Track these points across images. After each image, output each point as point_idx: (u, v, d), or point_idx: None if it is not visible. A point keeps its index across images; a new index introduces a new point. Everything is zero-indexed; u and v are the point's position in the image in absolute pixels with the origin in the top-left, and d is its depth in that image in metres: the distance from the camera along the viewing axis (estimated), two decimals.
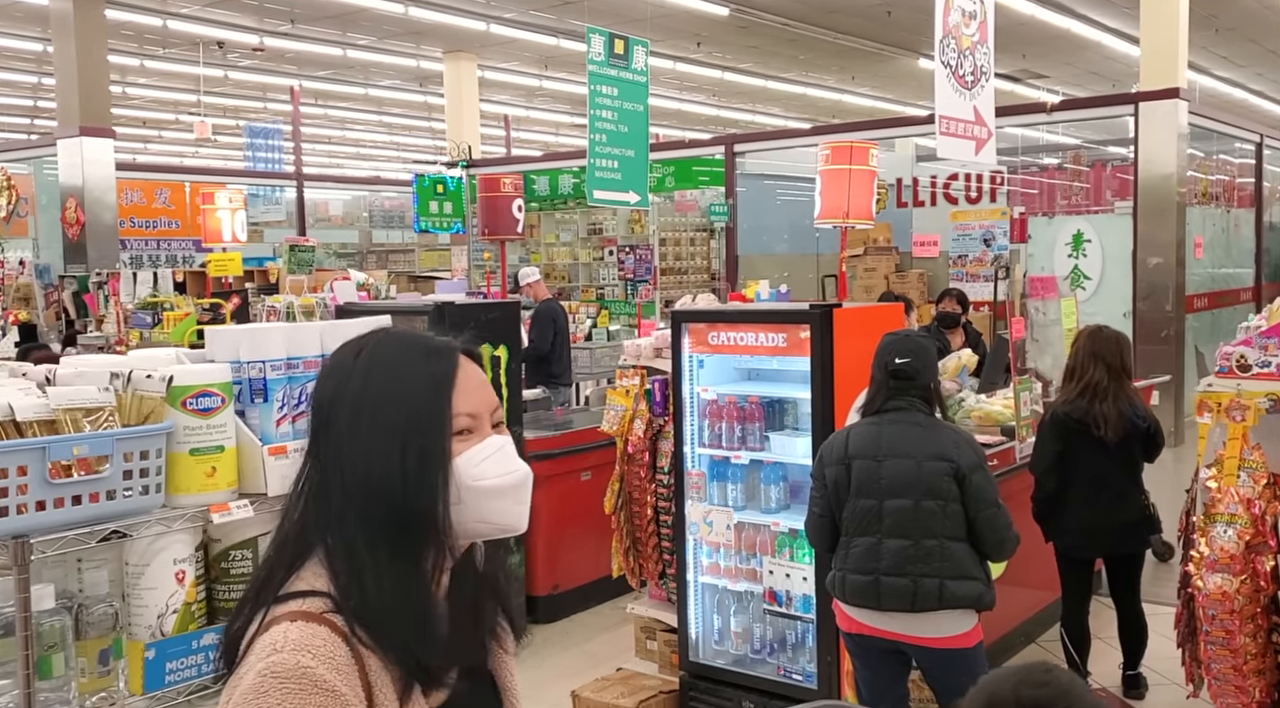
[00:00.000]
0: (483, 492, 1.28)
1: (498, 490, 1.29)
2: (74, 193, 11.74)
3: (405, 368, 1.31)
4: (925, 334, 3.56)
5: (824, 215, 5.18)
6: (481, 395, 1.33)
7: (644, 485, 4.89)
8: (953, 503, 3.21)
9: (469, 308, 5.87)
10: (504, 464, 1.31)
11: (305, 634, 1.16)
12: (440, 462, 1.26)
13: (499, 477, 1.30)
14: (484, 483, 1.28)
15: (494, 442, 1.31)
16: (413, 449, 1.25)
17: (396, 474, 1.25)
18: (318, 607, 1.20)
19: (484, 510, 1.29)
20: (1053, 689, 1.37)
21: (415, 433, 1.27)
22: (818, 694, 4.08)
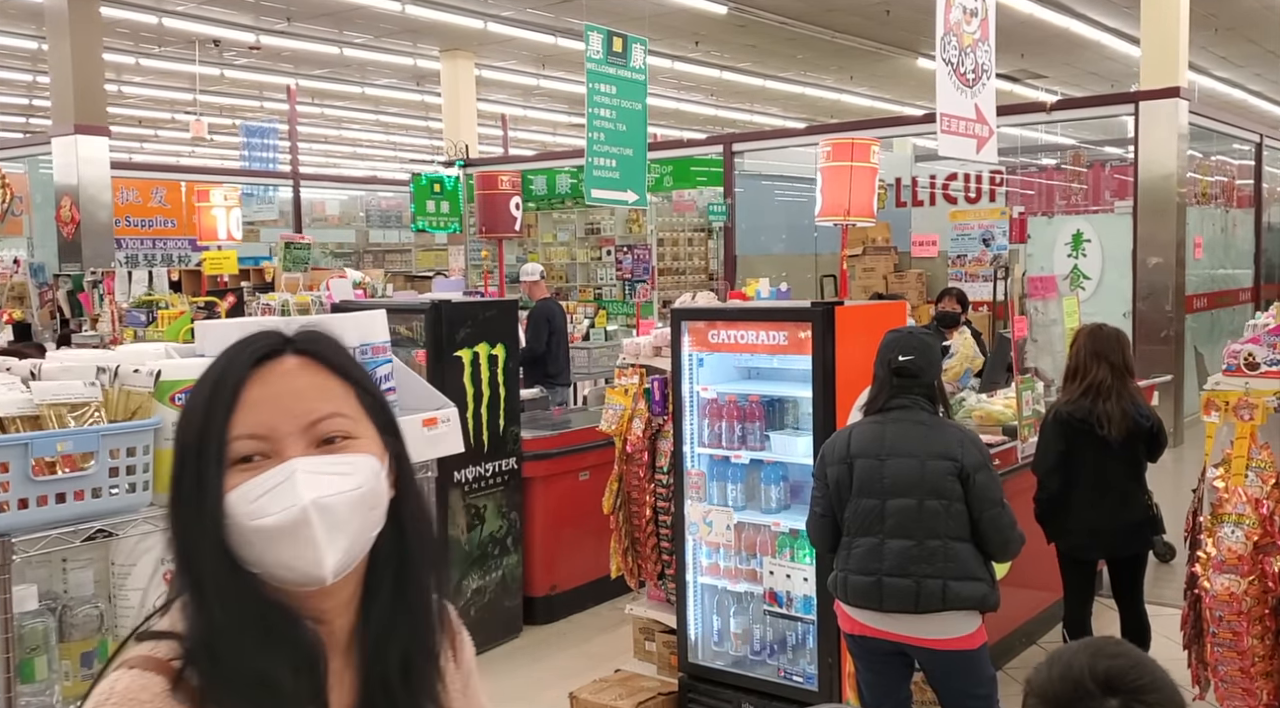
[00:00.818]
0: (260, 533, 1.07)
1: (274, 531, 1.07)
2: (69, 191, 11.68)
3: (202, 382, 1.14)
4: (928, 331, 3.50)
5: (825, 213, 5.14)
6: (285, 408, 1.11)
7: (643, 485, 4.85)
8: (957, 503, 3.17)
9: (466, 306, 5.83)
10: (284, 497, 1.07)
11: (134, 687, 1.05)
12: (204, 495, 1.08)
13: (275, 514, 1.07)
14: (259, 523, 1.07)
15: (283, 470, 1.08)
16: (186, 483, 1.10)
17: (170, 509, 1.11)
18: (166, 653, 1.08)
19: (270, 556, 1.08)
20: (1127, 659, 1.37)
21: (184, 463, 1.10)
22: (819, 697, 4.03)
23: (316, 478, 1.09)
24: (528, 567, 5.99)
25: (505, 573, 5.81)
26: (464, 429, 5.46)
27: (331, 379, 1.16)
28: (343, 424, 1.14)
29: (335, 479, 1.10)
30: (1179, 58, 10.18)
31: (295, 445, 1.10)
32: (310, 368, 1.15)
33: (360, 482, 1.11)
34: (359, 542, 1.12)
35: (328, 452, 1.12)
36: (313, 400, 1.13)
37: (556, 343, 8.30)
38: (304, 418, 1.11)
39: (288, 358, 1.14)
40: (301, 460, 1.09)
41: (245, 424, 1.10)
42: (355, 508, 1.11)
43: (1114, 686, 1.35)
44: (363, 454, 1.14)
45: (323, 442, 1.12)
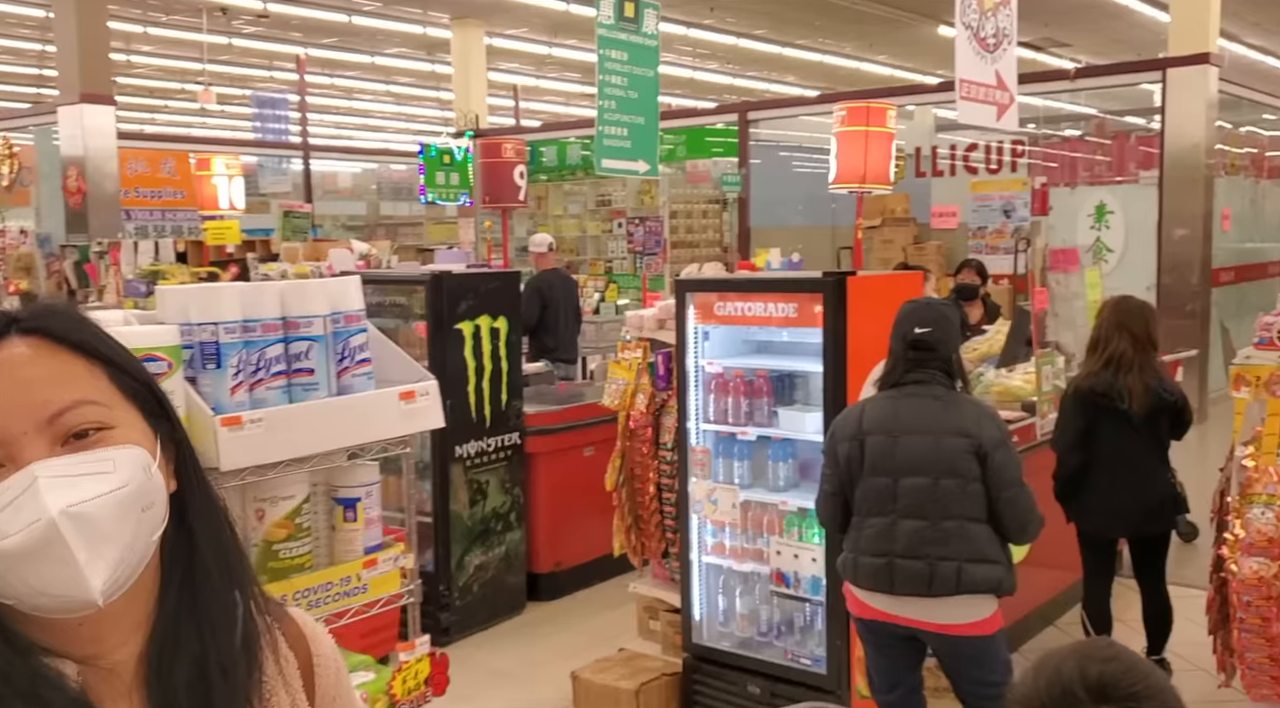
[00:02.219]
0: (6, 557, 0.88)
1: (21, 554, 0.88)
2: (75, 162, 11.56)
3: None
4: (947, 303, 3.34)
5: (839, 180, 4.95)
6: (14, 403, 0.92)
7: (646, 462, 4.70)
8: (973, 482, 3.01)
9: (467, 278, 5.68)
10: (27, 510, 0.88)
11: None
12: None
13: (19, 532, 0.88)
14: (3, 545, 0.88)
15: (22, 477, 0.90)
16: None
17: None
18: None
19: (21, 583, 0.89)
20: (1120, 664, 1.22)
21: None
22: (827, 679, 3.90)
23: (65, 482, 0.90)
24: (531, 543, 5.88)
25: (509, 549, 5.69)
26: (465, 404, 5.39)
27: (73, 360, 0.96)
28: (93, 413, 0.94)
29: (90, 481, 0.91)
30: (1210, 23, 9.89)
31: (34, 447, 0.91)
32: (43, 350, 0.95)
33: (124, 479, 0.92)
34: (135, 551, 0.93)
35: (76, 449, 0.93)
36: (49, 389, 0.93)
37: (553, 316, 8.14)
38: (40, 412, 0.92)
39: (12, 341, 0.94)
40: (42, 464, 0.90)
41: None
42: (122, 512, 0.92)
43: (1106, 693, 1.20)
44: (123, 446, 0.94)
45: (70, 438, 0.93)
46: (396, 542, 2.27)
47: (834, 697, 3.86)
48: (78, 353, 0.96)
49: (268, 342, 1.91)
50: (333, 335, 2.01)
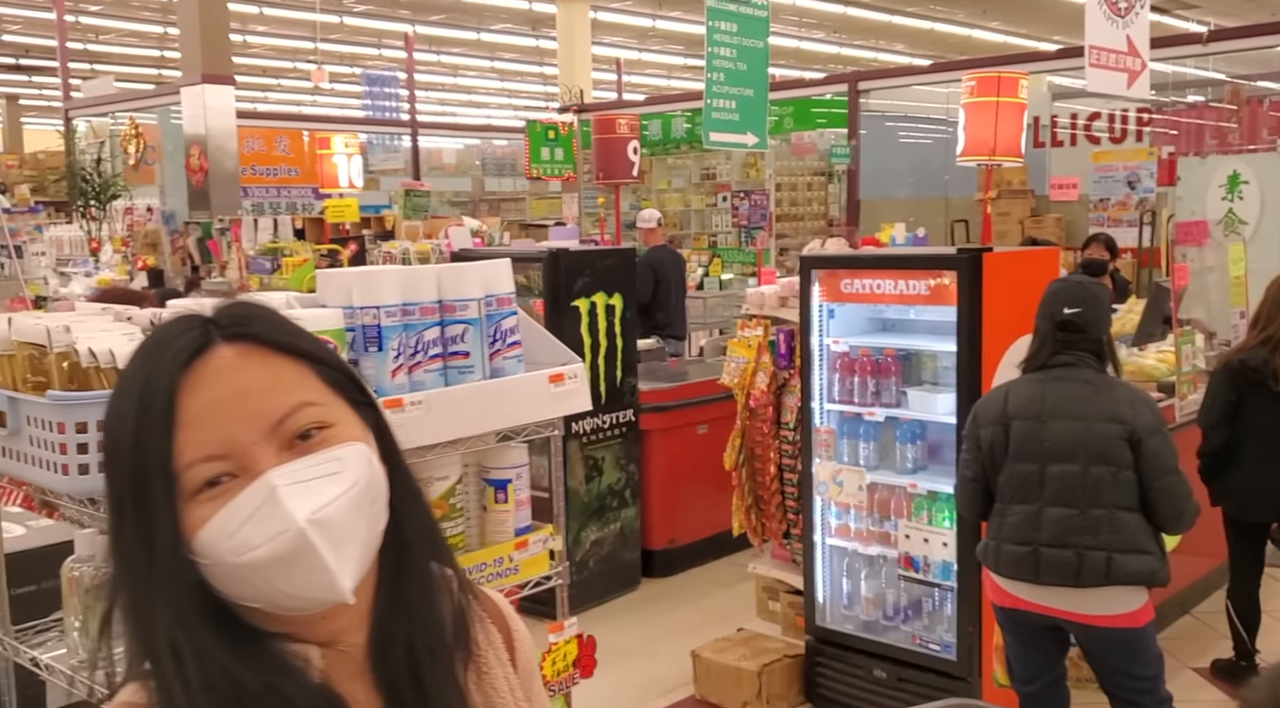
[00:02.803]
0: (253, 569, 0.87)
1: (272, 564, 0.87)
2: (197, 140, 11.92)
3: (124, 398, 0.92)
4: (1097, 282, 3.20)
5: (967, 152, 4.80)
6: (236, 414, 0.90)
7: (767, 442, 4.65)
8: (1125, 470, 2.88)
9: (583, 255, 5.69)
10: (271, 521, 0.87)
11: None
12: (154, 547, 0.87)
13: (266, 544, 0.86)
14: (249, 558, 0.87)
15: (259, 488, 0.88)
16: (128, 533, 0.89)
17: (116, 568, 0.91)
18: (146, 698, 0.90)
19: (275, 588, 0.89)
20: None
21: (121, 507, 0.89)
22: (958, 666, 3.81)
23: (302, 488, 0.89)
24: (645, 520, 5.89)
25: (623, 525, 5.71)
26: None
27: (282, 362, 0.94)
28: (313, 414, 0.93)
29: (324, 483, 0.90)
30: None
31: (265, 455, 0.90)
32: (253, 357, 0.93)
33: (355, 477, 0.92)
34: (370, 545, 0.94)
35: (303, 452, 0.91)
36: (268, 396, 0.91)
37: (664, 292, 8.11)
38: (265, 420, 0.90)
39: (220, 351, 0.92)
40: (276, 472, 0.88)
41: (195, 445, 0.88)
42: (358, 509, 0.92)
43: None
44: (346, 444, 0.93)
45: (295, 441, 0.91)
46: (544, 524, 2.27)
47: (964, 684, 3.78)
48: (284, 354, 0.95)
49: (426, 324, 1.92)
50: (486, 318, 2.01)
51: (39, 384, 1.72)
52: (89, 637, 1.69)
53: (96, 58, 18.51)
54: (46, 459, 1.60)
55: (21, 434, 1.67)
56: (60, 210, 12.64)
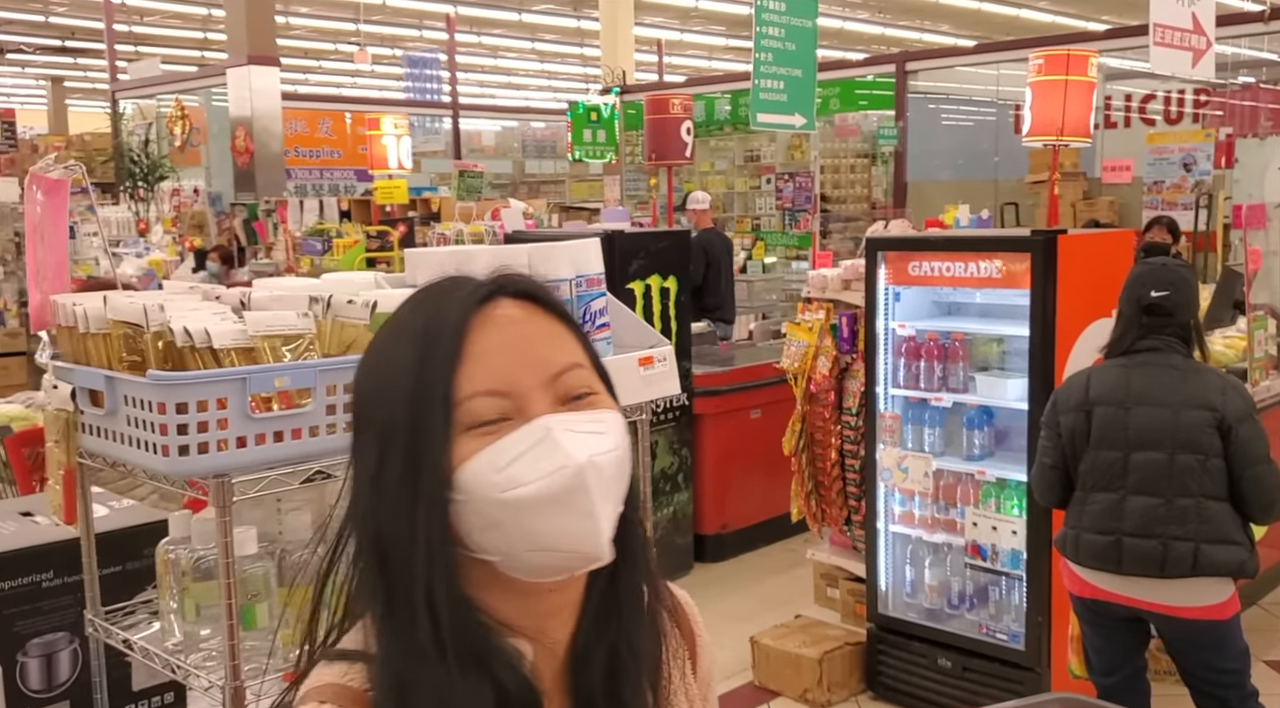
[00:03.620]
0: (517, 506, 0.85)
1: (542, 501, 0.85)
2: (243, 122, 11.97)
3: (400, 334, 0.92)
4: (1186, 264, 3.11)
5: (1035, 132, 4.70)
6: (522, 357, 0.90)
7: (828, 427, 4.59)
8: (1214, 458, 2.80)
9: (638, 237, 5.64)
10: (550, 461, 0.85)
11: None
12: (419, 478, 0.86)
13: (541, 480, 0.85)
14: (515, 494, 0.85)
15: (534, 428, 0.87)
16: (391, 462, 0.87)
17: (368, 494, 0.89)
18: (361, 680, 0.88)
19: (531, 534, 0.86)
20: None
21: (389, 438, 0.87)
22: (1026, 657, 3.75)
23: (577, 436, 0.87)
24: (698, 504, 5.85)
25: (676, 510, 5.68)
26: None
27: (559, 325, 0.94)
28: (584, 377, 0.92)
29: (593, 439, 0.87)
30: None
31: (541, 401, 0.88)
32: (533, 312, 0.93)
33: (616, 441, 0.90)
34: (616, 516, 0.90)
35: (577, 408, 0.90)
36: (550, 349, 0.91)
37: (714, 275, 8.04)
38: (545, 370, 0.89)
39: (503, 302, 0.92)
40: (553, 418, 0.87)
41: (479, 378, 0.87)
42: (619, 473, 0.89)
43: None
44: (611, 411, 0.92)
45: (570, 399, 0.90)
46: None
47: (1033, 674, 3.71)
48: (560, 319, 0.95)
49: None
50: (576, 299, 1.97)
51: (134, 364, 1.70)
52: (185, 619, 1.68)
53: (141, 39, 18.65)
54: (146, 440, 1.58)
55: (118, 414, 1.65)
56: (107, 192, 12.75)
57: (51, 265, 1.89)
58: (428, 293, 0.95)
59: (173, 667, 1.67)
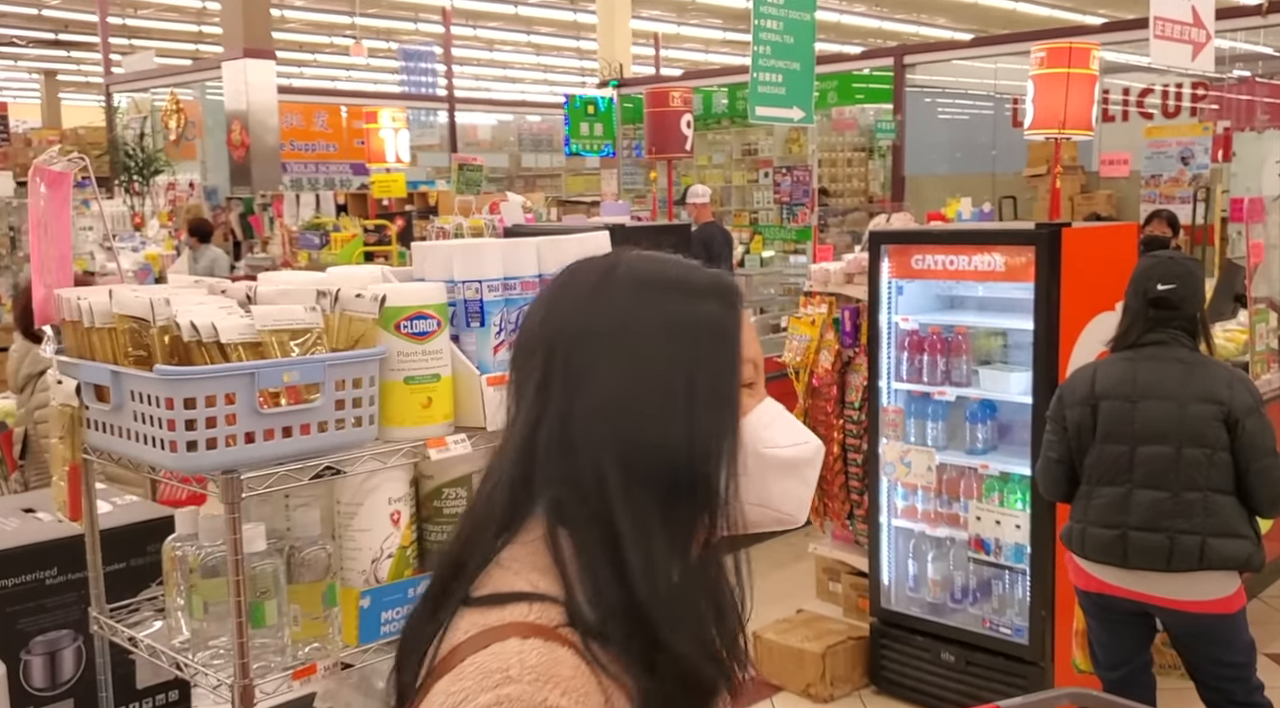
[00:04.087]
0: (772, 463, 0.99)
1: (789, 464, 1.00)
2: (238, 116, 11.94)
3: (683, 299, 1.00)
4: (1192, 258, 3.10)
5: (1036, 125, 4.68)
6: (758, 346, 1.05)
7: (830, 421, 4.58)
8: (1221, 451, 2.80)
9: (641, 231, 5.60)
10: (795, 431, 1.02)
11: (548, 661, 0.86)
12: (732, 413, 0.97)
13: (793, 446, 1.01)
14: (775, 452, 0.99)
15: (772, 403, 1.04)
16: (702, 397, 0.95)
17: (678, 427, 0.94)
18: (551, 618, 0.90)
19: (768, 490, 1.00)
20: None
21: (705, 376, 0.96)
22: (1029, 651, 3.74)
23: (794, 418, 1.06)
24: None
25: None
26: None
27: None
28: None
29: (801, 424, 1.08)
30: None
31: (762, 382, 1.05)
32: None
33: None
34: None
35: None
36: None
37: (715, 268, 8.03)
38: (762, 361, 1.05)
39: None
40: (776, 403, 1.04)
41: (747, 346, 1.01)
42: None
43: None
44: None
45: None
46: None
47: (1036, 668, 3.71)
48: None
49: (526, 299, 1.86)
50: None
51: (139, 359, 1.68)
52: (192, 616, 1.66)
53: (135, 32, 18.56)
54: (153, 436, 1.56)
55: (125, 410, 1.63)
56: (102, 186, 12.70)
57: (55, 259, 1.86)
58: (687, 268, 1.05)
59: (180, 665, 1.65)
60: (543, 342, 1.00)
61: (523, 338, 1.05)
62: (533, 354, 1.00)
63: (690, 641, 0.92)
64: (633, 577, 0.90)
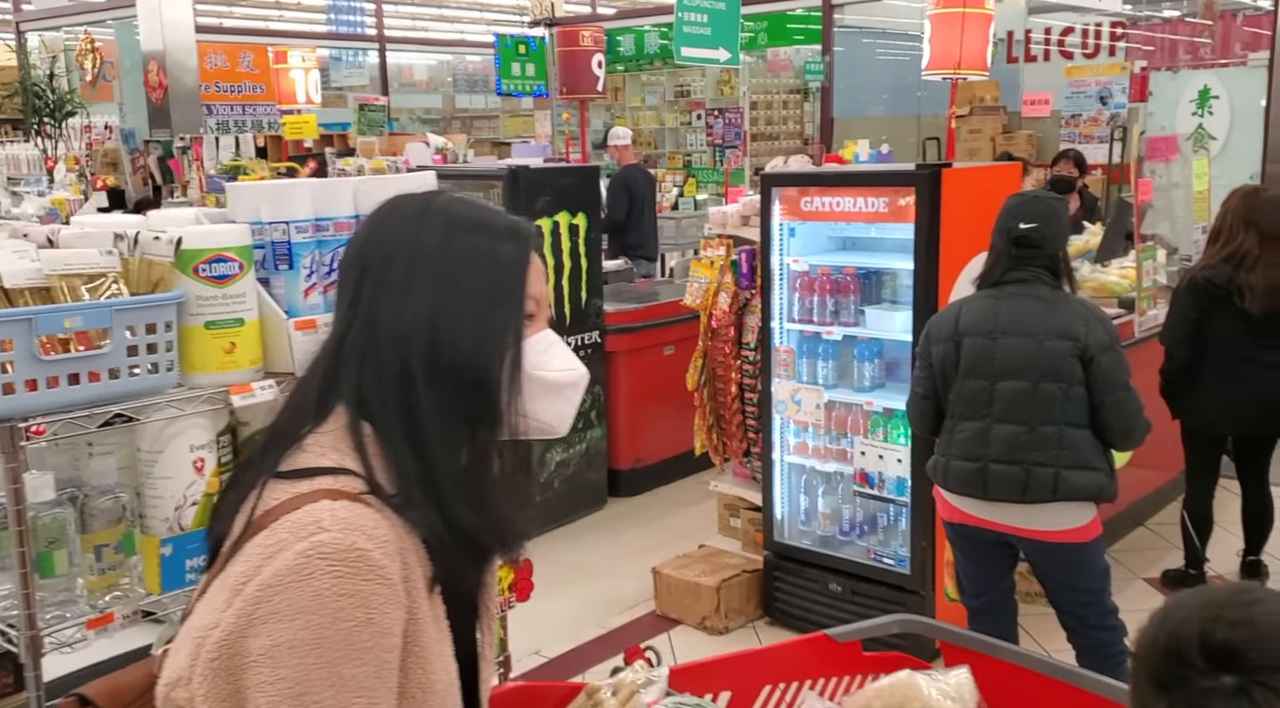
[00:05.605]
0: (540, 384, 1.20)
1: (555, 386, 1.21)
2: (155, 56, 11.56)
3: (485, 236, 1.20)
4: (1057, 197, 3.14)
5: (933, 65, 4.70)
6: (541, 282, 1.24)
7: (728, 362, 4.62)
8: (1076, 386, 2.87)
9: (545, 173, 5.58)
10: (567, 359, 1.23)
11: (355, 515, 1.03)
12: (516, 336, 1.18)
13: (560, 371, 1.22)
14: (544, 374, 1.20)
15: (548, 334, 1.23)
16: (492, 318, 1.16)
17: (470, 340, 1.14)
18: (353, 487, 1.07)
19: (535, 405, 1.20)
20: (1251, 630, 1.05)
21: (496, 302, 1.17)
22: (911, 580, 3.85)
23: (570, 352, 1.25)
24: (612, 440, 5.88)
25: (589, 446, 5.71)
26: None
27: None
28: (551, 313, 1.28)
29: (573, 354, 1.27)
30: None
31: (544, 317, 1.23)
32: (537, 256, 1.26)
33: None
34: None
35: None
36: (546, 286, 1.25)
37: (638, 212, 7.98)
38: (546, 297, 1.24)
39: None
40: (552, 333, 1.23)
41: (532, 284, 1.21)
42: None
43: (1229, 663, 1.05)
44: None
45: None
46: None
47: (917, 597, 3.82)
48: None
49: (340, 241, 1.85)
50: None
51: None
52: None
53: None
54: None
55: None
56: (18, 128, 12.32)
57: None
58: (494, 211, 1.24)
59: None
60: (361, 259, 1.17)
61: (346, 255, 1.21)
62: (351, 269, 1.17)
63: (471, 512, 1.11)
64: (431, 456, 1.10)
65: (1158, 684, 1.10)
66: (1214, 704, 1.04)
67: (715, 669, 2.20)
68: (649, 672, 1.77)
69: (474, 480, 1.14)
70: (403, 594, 1.03)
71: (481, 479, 1.16)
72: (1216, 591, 1.14)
